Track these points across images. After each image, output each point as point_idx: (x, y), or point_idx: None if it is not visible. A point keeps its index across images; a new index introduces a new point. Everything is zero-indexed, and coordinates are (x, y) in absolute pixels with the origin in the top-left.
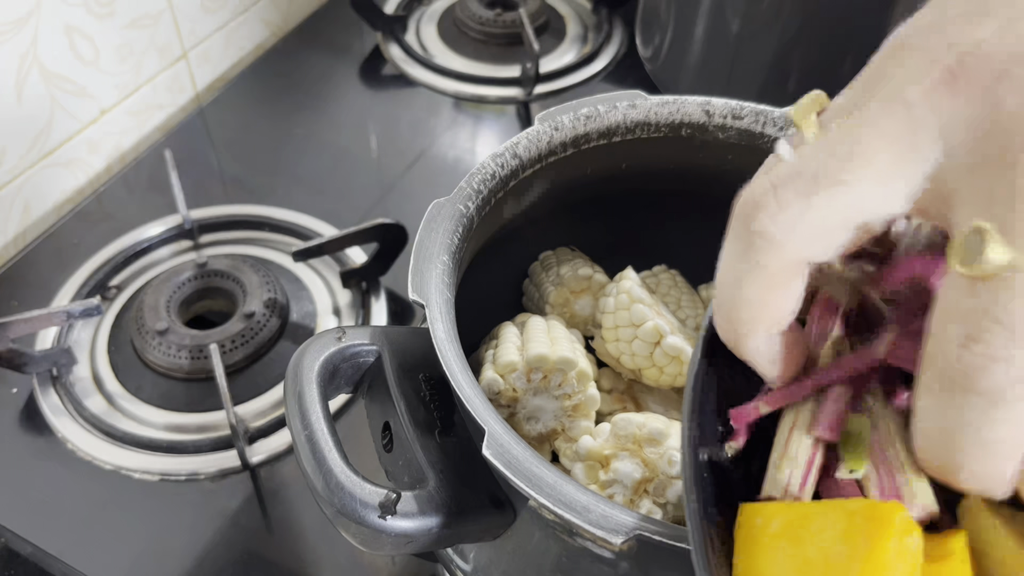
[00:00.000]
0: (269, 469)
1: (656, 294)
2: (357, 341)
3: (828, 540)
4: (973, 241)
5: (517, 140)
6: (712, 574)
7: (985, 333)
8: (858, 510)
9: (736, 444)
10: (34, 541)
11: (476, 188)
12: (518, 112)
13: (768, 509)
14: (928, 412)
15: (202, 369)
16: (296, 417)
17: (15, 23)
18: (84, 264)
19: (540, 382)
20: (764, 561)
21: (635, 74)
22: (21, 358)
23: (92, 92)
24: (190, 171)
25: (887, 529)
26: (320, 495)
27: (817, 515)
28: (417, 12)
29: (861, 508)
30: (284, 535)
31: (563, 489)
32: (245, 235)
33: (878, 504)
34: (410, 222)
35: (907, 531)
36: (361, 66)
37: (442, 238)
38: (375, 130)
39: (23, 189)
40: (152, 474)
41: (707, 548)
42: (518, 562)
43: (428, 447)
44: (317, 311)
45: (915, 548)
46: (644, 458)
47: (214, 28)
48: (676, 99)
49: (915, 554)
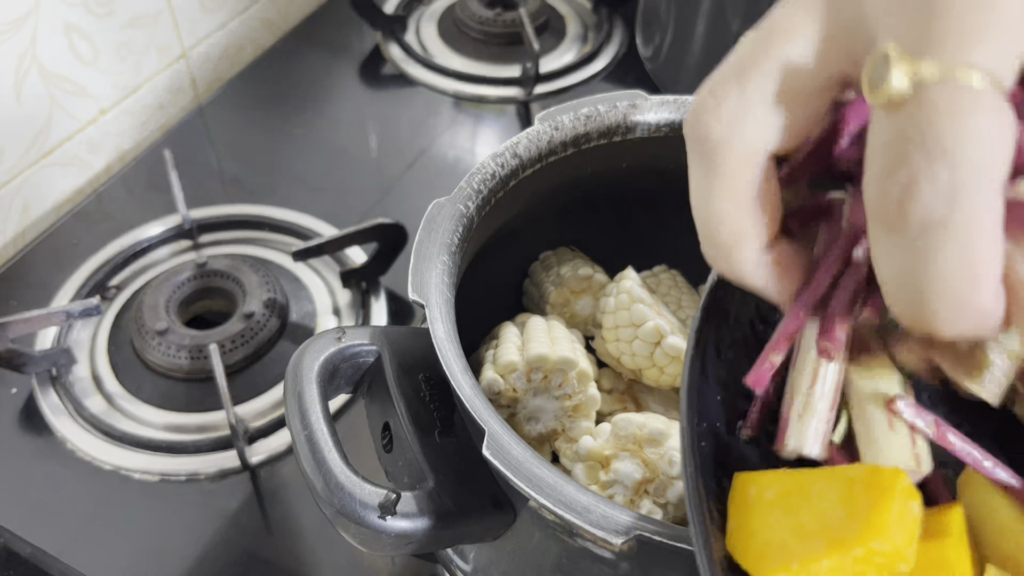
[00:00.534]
0: (269, 469)
1: (656, 294)
2: (357, 341)
3: (826, 505)
4: (878, 66)
5: (517, 140)
6: (708, 541)
7: (904, 158)
8: (858, 476)
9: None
10: (34, 541)
11: (476, 188)
12: (518, 112)
13: (762, 478)
14: (883, 263)
15: (202, 369)
16: (296, 417)
17: (14, 23)
18: (84, 264)
19: (540, 382)
20: (760, 528)
21: (635, 74)
22: (21, 358)
23: (91, 92)
24: (190, 171)
25: (889, 493)
26: (320, 495)
27: (814, 482)
28: (417, 12)
29: (862, 474)
30: (284, 535)
31: (563, 489)
32: (245, 235)
33: (879, 469)
34: (410, 222)
35: (909, 496)
36: (361, 66)
37: (442, 238)
38: (375, 130)
39: (22, 189)
40: (152, 474)
41: (705, 520)
42: (518, 562)
43: (428, 447)
44: (317, 311)
45: (916, 513)
46: (644, 458)
47: (214, 28)
48: (676, 99)
49: (915, 519)
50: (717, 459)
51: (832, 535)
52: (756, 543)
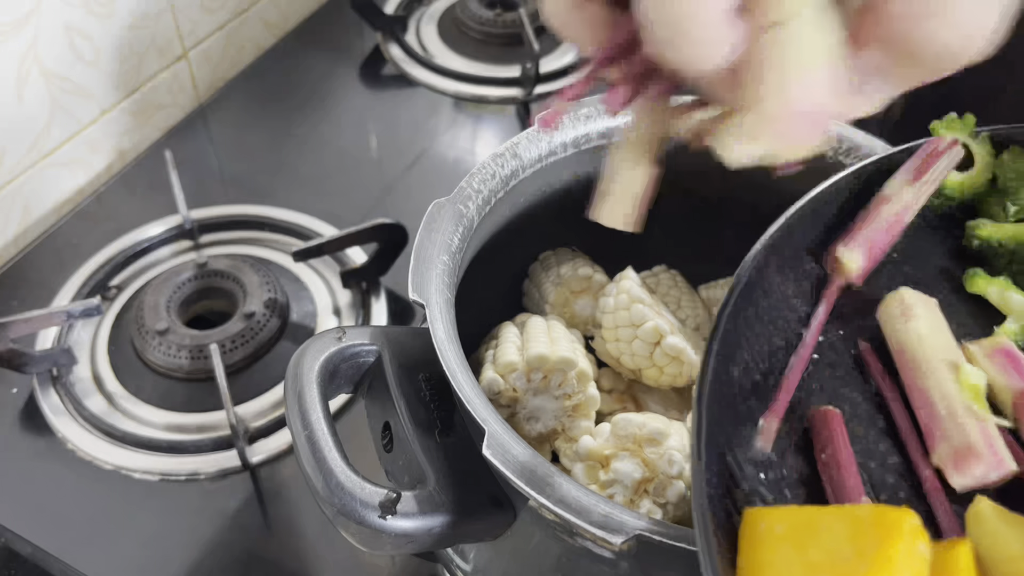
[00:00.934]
0: (269, 469)
1: (656, 294)
2: (357, 341)
3: (834, 543)
4: None
5: (517, 140)
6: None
7: None
8: (866, 516)
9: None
10: (34, 541)
11: (476, 188)
12: (518, 112)
13: (772, 514)
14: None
15: (202, 369)
16: (296, 417)
17: (15, 23)
18: (84, 264)
19: (540, 382)
20: (768, 562)
21: None
22: (21, 358)
23: (92, 92)
24: (190, 171)
25: (896, 532)
26: (320, 495)
27: (823, 518)
28: (417, 12)
29: (869, 513)
30: (284, 535)
31: (563, 489)
32: (245, 235)
33: (888, 509)
34: (410, 222)
35: (916, 536)
36: (361, 66)
37: (442, 238)
38: (375, 130)
39: (23, 189)
40: (152, 474)
41: (715, 554)
42: (518, 562)
43: (428, 447)
44: (317, 311)
45: (922, 552)
46: (644, 458)
47: (214, 28)
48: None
49: (923, 558)
50: (727, 492)
51: (840, 571)
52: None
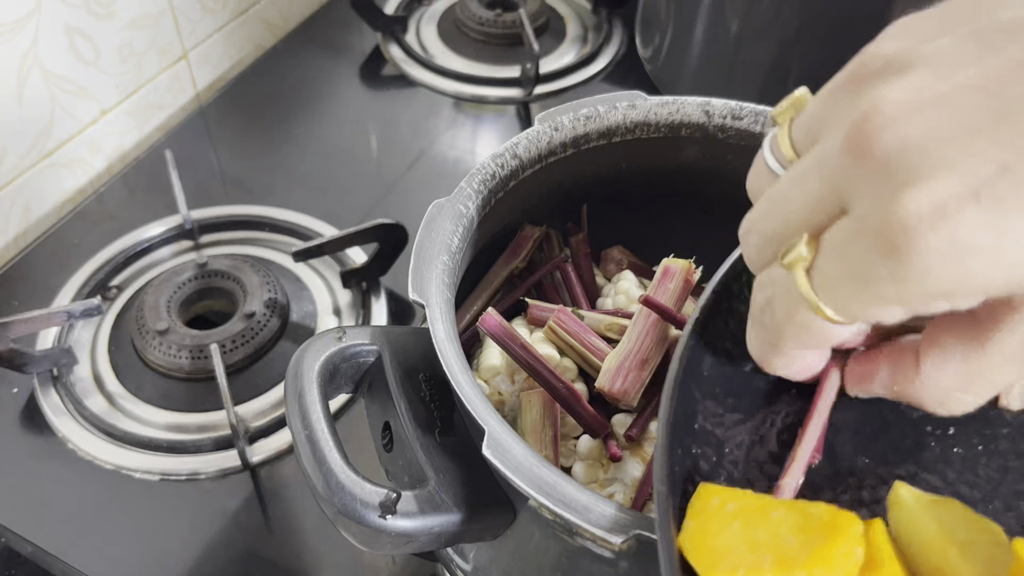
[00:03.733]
0: (269, 469)
1: None
2: (357, 341)
3: (782, 529)
4: None
5: (517, 140)
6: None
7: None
8: (818, 514)
9: None
10: (34, 541)
11: (476, 188)
12: (518, 112)
13: (727, 492)
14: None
15: (202, 369)
16: (296, 417)
17: (15, 23)
18: (85, 264)
19: (525, 382)
20: (714, 530)
21: (635, 74)
22: (22, 358)
23: (92, 92)
24: (190, 171)
25: (842, 534)
26: (320, 495)
27: (777, 508)
28: (417, 12)
29: (822, 512)
30: (284, 535)
31: (563, 488)
32: (245, 235)
33: (840, 512)
34: (410, 222)
35: (856, 542)
36: (361, 66)
37: (442, 238)
38: (375, 130)
39: (24, 189)
40: (152, 474)
41: (669, 516)
42: (518, 562)
43: (428, 447)
44: (317, 311)
45: (858, 558)
46: (644, 457)
47: (214, 28)
48: (676, 99)
49: (857, 562)
50: (688, 473)
51: (781, 555)
52: (708, 545)
